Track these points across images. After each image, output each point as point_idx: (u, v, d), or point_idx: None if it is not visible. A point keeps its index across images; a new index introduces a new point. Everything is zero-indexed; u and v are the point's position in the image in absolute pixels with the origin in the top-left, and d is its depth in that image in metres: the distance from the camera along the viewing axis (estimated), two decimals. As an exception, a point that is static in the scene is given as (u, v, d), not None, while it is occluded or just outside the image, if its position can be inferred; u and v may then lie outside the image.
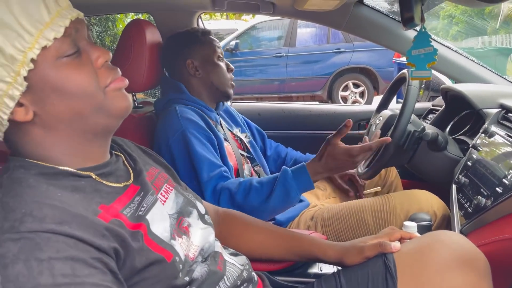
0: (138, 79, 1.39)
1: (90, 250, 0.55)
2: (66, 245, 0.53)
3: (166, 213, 0.75)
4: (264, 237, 1.02)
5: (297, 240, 0.99)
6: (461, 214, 1.10)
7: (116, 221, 0.63)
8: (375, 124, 1.52)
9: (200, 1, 1.62)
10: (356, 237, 1.17)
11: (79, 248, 0.54)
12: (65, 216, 0.56)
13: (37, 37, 0.58)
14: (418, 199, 1.31)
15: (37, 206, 0.56)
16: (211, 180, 1.24)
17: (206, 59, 1.45)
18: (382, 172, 1.66)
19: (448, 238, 0.81)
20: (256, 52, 6.80)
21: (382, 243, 0.86)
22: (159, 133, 1.35)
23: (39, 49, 0.59)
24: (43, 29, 0.59)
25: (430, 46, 1.04)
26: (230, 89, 1.50)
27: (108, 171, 0.71)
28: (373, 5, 1.59)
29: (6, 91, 0.59)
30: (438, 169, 1.37)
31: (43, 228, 0.53)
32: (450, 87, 1.50)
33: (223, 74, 1.47)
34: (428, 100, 1.95)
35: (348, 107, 2.05)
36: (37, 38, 0.58)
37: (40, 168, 0.63)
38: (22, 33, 0.57)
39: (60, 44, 0.61)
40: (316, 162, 1.23)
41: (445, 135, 1.41)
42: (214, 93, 1.49)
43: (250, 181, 1.25)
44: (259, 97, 6.53)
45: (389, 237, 0.89)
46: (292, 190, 1.20)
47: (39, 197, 0.58)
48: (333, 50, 6.40)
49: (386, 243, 0.85)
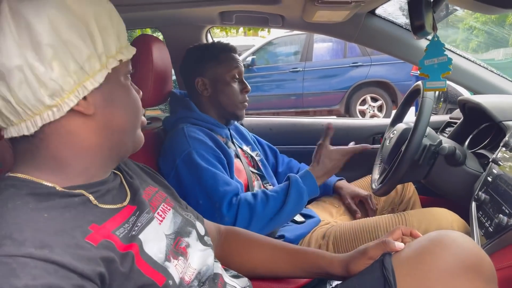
0: (143, 95, 1.36)
1: (72, 277, 0.52)
2: (44, 272, 0.50)
3: (163, 233, 0.72)
4: (268, 253, 0.98)
5: (302, 254, 0.95)
6: (481, 234, 1.03)
7: (106, 242, 0.60)
8: (389, 138, 1.46)
9: (209, 15, 1.60)
10: None
11: (59, 275, 0.50)
12: (47, 239, 0.53)
13: (119, 50, 0.66)
14: (437, 217, 1.24)
15: (18, 228, 0.53)
16: (227, 194, 1.21)
17: (218, 78, 1.41)
18: (399, 188, 1.59)
19: (451, 241, 0.75)
20: (273, 68, 6.81)
21: (386, 241, 0.82)
22: (166, 153, 1.32)
23: (118, 60, 0.66)
24: (123, 48, 0.68)
25: (444, 55, 0.98)
26: (239, 111, 1.45)
27: (105, 189, 0.69)
28: (385, 16, 1.55)
29: (83, 82, 0.62)
30: (457, 185, 1.29)
31: (20, 252, 0.50)
32: (468, 99, 1.43)
33: (233, 95, 1.42)
34: (446, 113, 1.87)
35: (362, 120, 1.99)
36: (119, 52, 0.66)
37: (31, 188, 0.61)
38: (113, 42, 0.65)
39: (127, 64, 0.70)
40: (315, 167, 1.33)
41: (464, 149, 1.34)
42: (222, 113, 1.46)
43: (264, 191, 1.26)
44: (276, 112, 6.50)
45: (391, 235, 0.85)
46: (304, 194, 1.26)
47: (22, 219, 0.55)
48: (350, 64, 6.35)
49: (390, 241, 0.82)
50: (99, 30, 0.63)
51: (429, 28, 0.94)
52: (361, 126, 1.94)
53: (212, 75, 1.40)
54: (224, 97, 1.42)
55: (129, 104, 0.71)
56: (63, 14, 0.60)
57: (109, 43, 0.64)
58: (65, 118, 0.62)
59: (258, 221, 1.20)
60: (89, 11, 0.62)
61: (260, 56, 6.86)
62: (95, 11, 0.63)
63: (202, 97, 1.43)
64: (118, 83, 0.68)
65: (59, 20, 0.59)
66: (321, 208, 1.57)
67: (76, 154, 0.65)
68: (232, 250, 0.99)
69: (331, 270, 0.90)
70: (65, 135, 0.64)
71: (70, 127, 0.64)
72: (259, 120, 2.10)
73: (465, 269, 0.71)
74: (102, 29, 0.63)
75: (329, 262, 0.90)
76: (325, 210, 1.53)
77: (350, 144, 1.44)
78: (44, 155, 0.64)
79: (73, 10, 0.61)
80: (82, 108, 0.63)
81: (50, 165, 0.64)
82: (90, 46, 0.62)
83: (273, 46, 6.95)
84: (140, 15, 1.55)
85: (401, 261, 0.77)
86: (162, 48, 1.45)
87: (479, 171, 1.27)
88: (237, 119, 1.51)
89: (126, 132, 0.71)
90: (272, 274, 0.99)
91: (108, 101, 0.67)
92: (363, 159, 1.86)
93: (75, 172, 0.66)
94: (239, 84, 1.44)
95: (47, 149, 0.63)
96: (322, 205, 1.59)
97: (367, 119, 1.87)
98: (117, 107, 0.68)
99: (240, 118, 1.48)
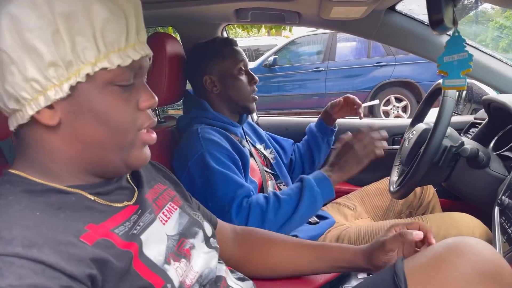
0: (157, 93, 1.33)
1: (60, 277, 0.50)
2: (31, 271, 0.48)
3: (165, 234, 0.70)
4: (292, 250, 0.96)
5: (327, 249, 0.94)
6: (503, 240, 0.97)
7: (103, 241, 0.58)
8: (408, 139, 1.41)
9: (224, 13, 1.58)
10: None
11: (46, 275, 0.49)
12: (37, 238, 0.51)
13: (103, 57, 0.57)
14: (456, 222, 1.19)
15: (7, 226, 0.51)
16: (236, 198, 1.18)
17: (225, 73, 1.39)
18: (418, 190, 1.53)
19: (468, 248, 0.70)
20: (295, 67, 6.76)
21: (403, 233, 0.80)
22: (180, 154, 1.31)
23: (99, 68, 0.57)
24: (112, 53, 0.58)
25: (464, 52, 0.93)
26: (250, 104, 1.43)
27: (107, 190, 0.67)
28: (406, 12, 1.49)
29: (45, 90, 0.56)
30: (479, 189, 1.23)
31: (7, 251, 0.48)
32: (493, 98, 1.36)
33: (243, 88, 1.41)
34: (471, 113, 1.79)
35: (380, 121, 1.93)
36: (102, 58, 0.57)
37: (27, 184, 0.59)
38: (91, 47, 0.56)
39: (120, 73, 0.60)
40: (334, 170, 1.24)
41: (488, 151, 1.27)
42: (235, 108, 1.44)
43: (276, 194, 1.21)
44: (298, 112, 6.44)
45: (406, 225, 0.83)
46: (318, 198, 1.19)
47: (12, 216, 0.53)
48: (374, 64, 6.24)
49: (407, 232, 0.79)
50: (70, 34, 0.55)
51: (448, 23, 0.89)
52: (380, 127, 1.88)
53: (219, 71, 1.38)
54: (235, 91, 1.40)
55: (108, 120, 0.60)
56: (27, 12, 0.53)
57: (83, 48, 0.56)
58: (32, 124, 0.59)
59: (270, 227, 1.16)
60: (59, 11, 0.54)
61: (282, 55, 6.83)
62: (68, 12, 0.54)
63: (213, 95, 1.41)
64: (97, 95, 0.59)
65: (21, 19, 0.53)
66: (336, 210, 1.53)
67: (54, 161, 0.62)
68: (252, 250, 0.97)
69: (356, 262, 0.90)
70: (37, 140, 0.61)
71: (36, 134, 0.61)
72: (275, 120, 2.07)
73: (483, 279, 0.66)
74: (76, 32, 0.55)
75: (354, 254, 0.90)
76: (340, 212, 1.49)
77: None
78: (30, 155, 0.62)
79: (39, 8, 0.54)
80: (43, 118, 0.57)
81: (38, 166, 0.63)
82: (54, 52, 0.54)
83: (295, 46, 6.90)
84: (155, 13, 1.54)
85: (414, 269, 0.73)
86: (177, 46, 1.45)
87: (504, 174, 1.20)
88: (249, 112, 1.48)
89: (106, 150, 0.63)
90: (297, 272, 0.98)
91: (77, 114, 0.59)
92: (381, 160, 1.81)
93: (66, 175, 0.63)
94: (246, 76, 1.42)
95: (29, 149, 0.62)
96: (337, 208, 1.55)
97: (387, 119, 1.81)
98: (87, 122, 0.60)
99: (252, 111, 1.46)
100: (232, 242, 0.98)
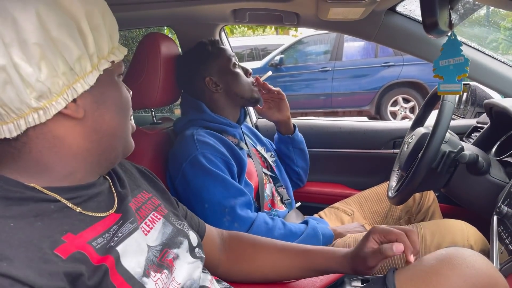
0: (152, 94, 1.35)
1: None
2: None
3: (145, 245, 0.68)
4: (276, 256, 0.95)
5: (311, 255, 0.93)
6: (501, 251, 0.94)
7: (79, 254, 0.56)
8: (407, 143, 1.37)
9: (221, 13, 1.56)
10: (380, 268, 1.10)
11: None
12: (8, 251, 0.49)
13: (111, 50, 0.64)
14: (451, 230, 1.15)
15: None
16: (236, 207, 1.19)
17: (224, 71, 1.40)
18: (417, 196, 1.50)
19: (461, 261, 0.68)
20: (302, 67, 6.71)
21: (382, 249, 0.77)
22: (174, 156, 1.30)
23: (110, 60, 0.63)
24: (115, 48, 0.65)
25: (460, 56, 0.90)
26: (255, 93, 1.45)
27: (89, 195, 0.65)
28: (407, 13, 1.46)
29: (73, 84, 0.59)
30: (479, 196, 1.20)
31: None
32: (495, 103, 1.33)
33: (243, 80, 1.42)
34: (474, 117, 1.75)
35: (382, 123, 1.90)
36: (111, 52, 0.64)
37: (5, 190, 0.57)
38: (106, 41, 0.63)
39: (119, 65, 0.68)
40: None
41: (488, 157, 1.23)
42: (239, 102, 1.44)
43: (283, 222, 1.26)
44: (304, 112, 6.40)
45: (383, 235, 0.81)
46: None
47: None
48: (381, 64, 6.17)
49: (386, 248, 0.76)
50: (91, 29, 0.60)
51: (443, 26, 0.85)
52: (381, 129, 1.85)
53: (217, 71, 1.39)
54: (237, 85, 1.41)
55: (120, 105, 0.68)
56: (53, 10, 0.56)
57: (101, 43, 0.62)
58: (52, 121, 0.59)
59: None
60: (81, 9, 0.59)
61: (289, 55, 6.78)
62: (87, 10, 0.60)
63: (217, 95, 1.40)
64: (110, 84, 0.66)
65: (49, 17, 0.56)
66: (333, 215, 1.50)
67: (61, 159, 0.62)
68: (239, 256, 0.96)
69: (340, 268, 0.89)
70: (51, 139, 0.61)
71: (57, 131, 0.61)
72: None
73: None
74: (94, 28, 0.60)
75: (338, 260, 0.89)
76: (337, 218, 1.46)
77: None
78: (26, 159, 0.61)
79: (64, 7, 0.58)
80: (70, 111, 0.60)
81: (32, 169, 0.61)
82: (81, 46, 0.59)
83: (302, 45, 6.85)
84: (152, 13, 1.53)
85: (405, 282, 0.71)
86: (172, 47, 1.43)
87: (504, 181, 1.17)
88: (257, 102, 1.49)
89: (116, 136, 0.68)
90: (283, 278, 0.97)
91: (99, 103, 0.64)
92: (381, 164, 1.78)
93: (59, 176, 0.63)
94: (240, 69, 1.45)
95: (29, 153, 0.60)
96: (334, 212, 1.52)
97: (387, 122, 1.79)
98: (107, 110, 0.65)
99: (258, 100, 1.48)
100: (219, 249, 0.97)
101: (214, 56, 1.39)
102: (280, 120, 1.58)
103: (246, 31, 7.67)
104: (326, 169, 1.84)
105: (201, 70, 1.38)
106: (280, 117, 1.57)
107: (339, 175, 1.84)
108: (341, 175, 1.84)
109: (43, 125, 0.59)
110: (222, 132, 1.36)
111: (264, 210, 1.34)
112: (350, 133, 1.85)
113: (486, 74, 1.49)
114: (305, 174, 1.67)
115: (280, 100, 1.56)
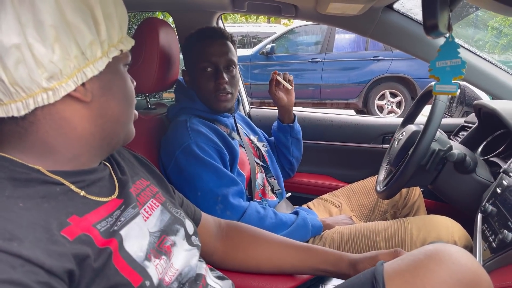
0: (148, 79, 1.35)
1: (38, 272, 0.49)
2: (8, 266, 0.47)
3: (147, 230, 0.69)
4: (276, 250, 0.97)
5: (312, 252, 0.95)
6: (484, 248, 0.98)
7: (85, 236, 0.57)
8: (397, 139, 1.41)
9: (220, 1, 1.55)
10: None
11: (24, 270, 0.48)
12: (18, 231, 0.50)
13: (120, 39, 0.66)
14: (436, 226, 1.19)
15: None
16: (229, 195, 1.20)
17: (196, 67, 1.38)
18: (404, 191, 1.54)
19: (448, 256, 0.70)
20: (292, 57, 6.71)
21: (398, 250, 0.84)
22: (167, 143, 1.30)
23: (119, 48, 0.65)
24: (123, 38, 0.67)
25: (457, 58, 0.92)
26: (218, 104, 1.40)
27: (92, 180, 0.66)
28: (404, 11, 1.47)
29: (83, 67, 0.60)
30: (465, 194, 1.24)
31: None
32: (484, 104, 1.36)
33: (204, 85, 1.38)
34: (462, 116, 1.79)
35: (373, 118, 1.92)
36: (120, 41, 0.66)
37: (12, 171, 0.58)
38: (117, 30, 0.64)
39: (126, 55, 0.69)
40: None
41: (475, 156, 1.27)
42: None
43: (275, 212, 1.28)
44: (292, 102, 6.41)
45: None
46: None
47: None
48: (371, 58, 6.21)
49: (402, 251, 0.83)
50: (104, 17, 0.61)
51: (443, 28, 0.87)
52: (371, 124, 1.88)
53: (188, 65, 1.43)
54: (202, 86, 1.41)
55: (125, 94, 0.70)
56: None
57: (112, 31, 0.63)
58: (60, 103, 0.60)
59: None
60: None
61: (280, 44, 6.77)
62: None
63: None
64: (117, 72, 0.67)
65: (65, 1, 0.57)
66: (321, 206, 1.53)
67: (67, 141, 0.63)
68: (236, 246, 0.98)
69: (340, 269, 0.91)
70: (58, 120, 0.61)
71: (65, 113, 0.61)
72: (267, 112, 2.06)
73: (461, 287, 0.66)
74: (107, 16, 0.62)
75: (339, 260, 0.92)
76: (325, 209, 1.49)
77: None
78: (33, 139, 0.61)
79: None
80: (79, 94, 0.61)
81: (38, 150, 0.62)
82: (94, 32, 0.60)
83: (294, 35, 6.84)
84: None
85: (393, 274, 0.73)
86: (170, 33, 1.42)
87: (489, 181, 1.21)
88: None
89: (119, 123, 0.70)
90: (278, 271, 0.99)
91: (106, 89, 0.65)
92: (370, 158, 1.81)
93: (64, 159, 0.64)
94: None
95: (36, 133, 0.61)
96: (323, 204, 1.55)
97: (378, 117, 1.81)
98: (113, 97, 0.67)
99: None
100: (215, 236, 0.98)
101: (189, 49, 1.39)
102: (285, 106, 1.59)
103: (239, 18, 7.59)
104: (316, 161, 1.87)
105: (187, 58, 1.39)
106: (288, 103, 1.58)
107: (328, 167, 1.87)
108: (331, 167, 1.87)
109: (51, 105, 0.60)
110: (214, 121, 1.37)
111: (255, 200, 1.36)
112: (341, 127, 1.87)
113: (476, 75, 1.53)
114: (297, 165, 1.69)
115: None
